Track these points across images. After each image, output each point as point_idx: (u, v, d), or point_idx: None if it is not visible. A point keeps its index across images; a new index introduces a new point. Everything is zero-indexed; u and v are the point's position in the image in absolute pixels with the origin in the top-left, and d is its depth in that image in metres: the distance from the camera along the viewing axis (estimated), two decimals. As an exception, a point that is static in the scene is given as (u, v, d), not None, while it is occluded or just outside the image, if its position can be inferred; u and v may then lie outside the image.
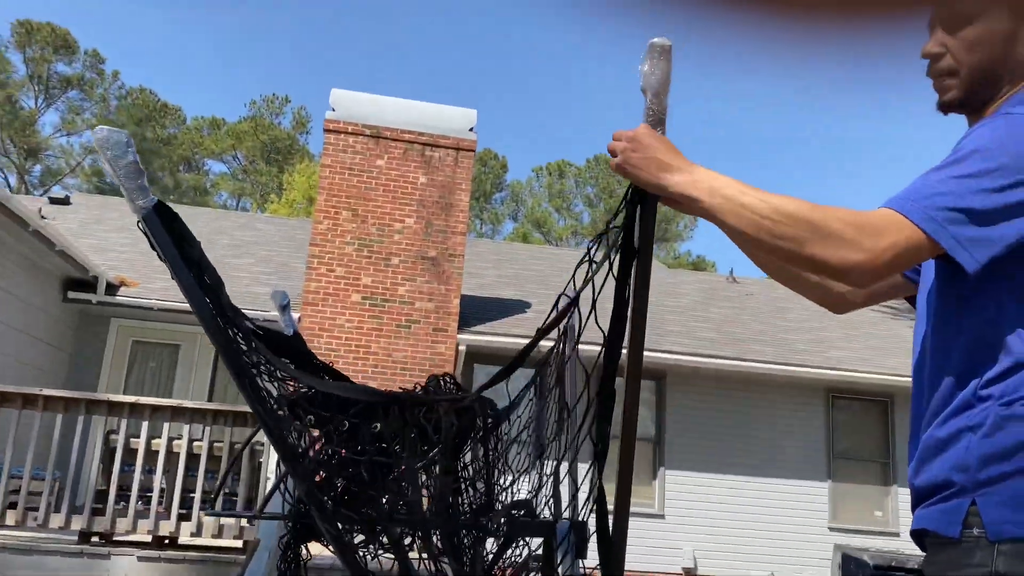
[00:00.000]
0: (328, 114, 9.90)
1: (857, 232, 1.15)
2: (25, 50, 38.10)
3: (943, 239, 1.14)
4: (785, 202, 1.20)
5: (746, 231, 1.23)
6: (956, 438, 1.17)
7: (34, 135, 38.60)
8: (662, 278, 15.26)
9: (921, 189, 1.18)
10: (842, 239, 1.15)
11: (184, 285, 1.63)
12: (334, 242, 9.51)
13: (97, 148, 1.62)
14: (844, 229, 1.15)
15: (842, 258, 1.15)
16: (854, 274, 1.17)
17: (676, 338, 11.13)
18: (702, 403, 10.90)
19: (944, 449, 1.19)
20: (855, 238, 1.15)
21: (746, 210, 1.22)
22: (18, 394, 5.68)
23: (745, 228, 1.23)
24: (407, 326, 9.39)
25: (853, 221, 1.16)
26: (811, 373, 10.60)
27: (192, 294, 1.63)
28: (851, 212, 1.18)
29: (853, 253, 1.15)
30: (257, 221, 16.08)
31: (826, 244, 1.16)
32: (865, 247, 1.15)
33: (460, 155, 9.82)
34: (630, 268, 1.53)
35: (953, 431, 1.18)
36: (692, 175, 1.30)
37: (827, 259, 1.16)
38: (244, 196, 42.76)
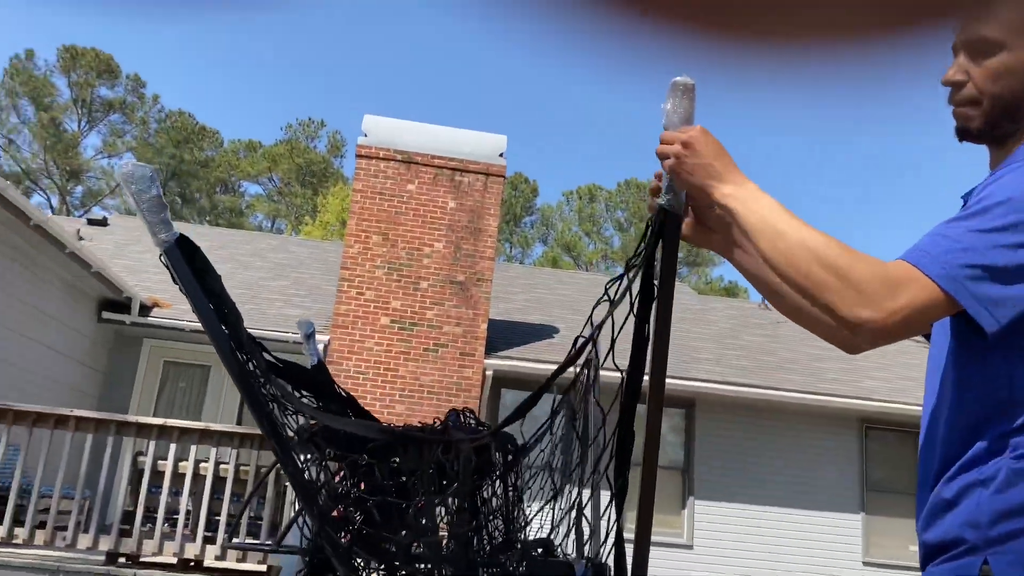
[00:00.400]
0: (360, 139, 10.00)
1: (878, 285, 1.10)
2: (70, 74, 39.09)
3: (963, 298, 1.09)
4: (816, 238, 1.16)
5: (772, 258, 1.20)
6: (967, 492, 1.12)
7: (76, 157, 39.48)
8: (692, 304, 15.14)
9: (941, 242, 1.12)
10: (860, 291, 1.10)
11: (203, 317, 1.64)
12: (364, 266, 9.56)
13: (121, 182, 1.64)
14: (865, 280, 1.11)
15: (855, 314, 1.11)
16: (863, 332, 1.12)
17: (706, 366, 11.02)
18: (732, 432, 10.75)
19: (955, 504, 1.14)
20: (873, 292, 1.10)
21: (779, 238, 1.19)
22: (51, 414, 5.75)
23: (771, 255, 1.20)
24: (435, 350, 9.40)
25: (876, 273, 1.11)
26: (844, 403, 10.42)
27: (211, 326, 1.64)
28: (875, 263, 1.13)
29: (866, 310, 1.10)
30: (290, 243, 16.25)
31: (843, 294, 1.11)
32: (880, 305, 1.10)
33: (490, 180, 9.86)
34: (650, 309, 1.51)
35: (964, 485, 1.13)
36: (741, 188, 1.27)
37: (840, 311, 1.12)
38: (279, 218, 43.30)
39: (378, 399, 9.17)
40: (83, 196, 40.56)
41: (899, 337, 1.13)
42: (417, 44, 60.90)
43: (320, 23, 59.29)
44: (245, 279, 12.28)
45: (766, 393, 10.34)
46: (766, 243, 1.21)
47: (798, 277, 1.16)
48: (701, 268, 41.37)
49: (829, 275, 1.13)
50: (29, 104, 38.17)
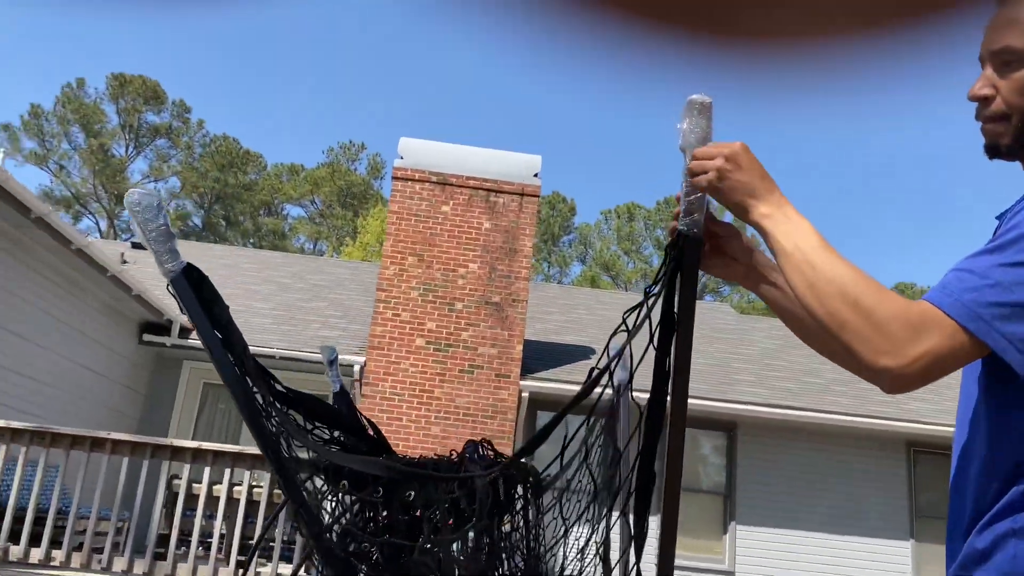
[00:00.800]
0: (396, 162, 10.04)
1: (900, 329, 1.02)
2: (118, 101, 40.13)
3: (991, 339, 1.00)
4: (846, 273, 1.09)
5: (799, 288, 1.12)
6: (1002, 544, 1.03)
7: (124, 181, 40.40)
8: (733, 325, 14.91)
9: (966, 279, 1.03)
10: (882, 335, 1.02)
11: (210, 347, 1.59)
12: (400, 287, 9.57)
13: (128, 211, 1.61)
14: (887, 323, 1.02)
15: (875, 361, 1.02)
16: (882, 380, 1.04)
17: (748, 387, 10.80)
18: (775, 455, 10.51)
19: (989, 556, 1.04)
20: (895, 337, 1.01)
21: (810, 268, 1.12)
22: (87, 437, 5.81)
23: (799, 284, 1.12)
24: (470, 371, 9.35)
25: (899, 315, 1.03)
26: (890, 426, 10.13)
27: (218, 357, 1.59)
28: (901, 304, 1.05)
29: (886, 357, 1.02)
30: (329, 265, 16.37)
31: (864, 336, 1.03)
32: (901, 351, 1.01)
33: (524, 200, 9.82)
34: (670, 340, 1.43)
35: (998, 535, 1.04)
36: (779, 209, 1.21)
37: (861, 355, 1.04)
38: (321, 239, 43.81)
39: (413, 421, 9.14)
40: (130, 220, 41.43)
41: (920, 384, 1.04)
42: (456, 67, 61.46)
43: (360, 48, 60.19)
44: (284, 300, 12.38)
45: (809, 415, 10.10)
46: (796, 271, 1.14)
47: (821, 312, 1.09)
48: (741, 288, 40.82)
49: (852, 314, 1.05)
50: (79, 131, 39.23)
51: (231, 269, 13.98)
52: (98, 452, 5.82)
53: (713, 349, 12.69)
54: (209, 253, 15.58)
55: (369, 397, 9.22)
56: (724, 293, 41.12)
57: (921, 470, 10.59)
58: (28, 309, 7.80)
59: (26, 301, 7.76)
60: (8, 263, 7.44)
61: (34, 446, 5.79)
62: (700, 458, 10.97)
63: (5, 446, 5.74)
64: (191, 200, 42.68)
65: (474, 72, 61.64)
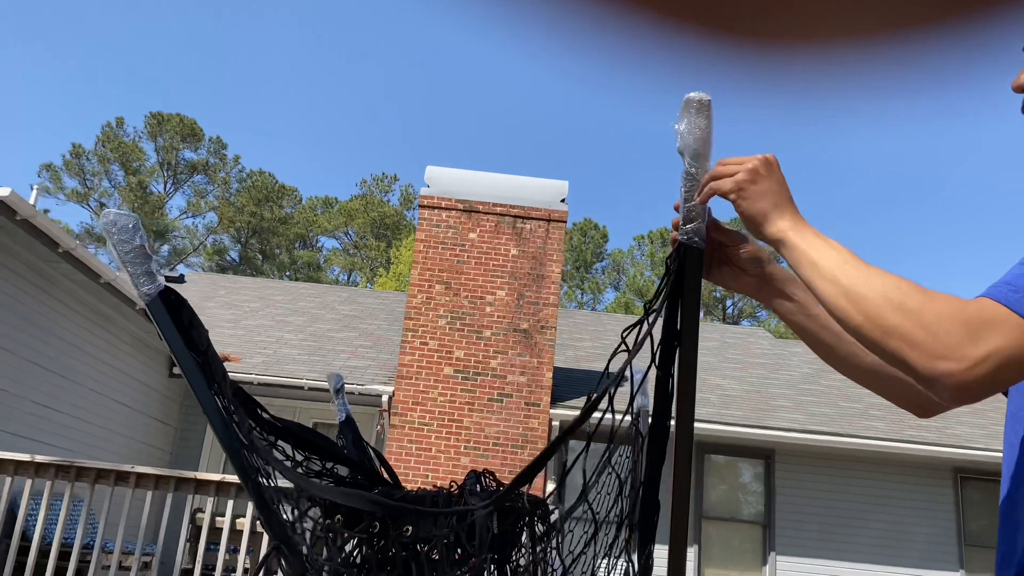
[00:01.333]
0: (423, 190, 10.03)
1: (956, 329, 0.90)
2: (157, 139, 40.99)
3: None
4: (883, 277, 0.98)
5: (831, 299, 1.02)
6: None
7: (162, 218, 41.16)
8: (769, 349, 14.63)
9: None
10: (935, 337, 0.90)
11: (187, 373, 1.51)
12: (427, 315, 9.51)
13: (103, 231, 1.55)
14: (940, 323, 0.91)
15: (931, 366, 0.90)
16: (942, 389, 0.91)
17: (785, 413, 10.54)
18: (815, 483, 10.21)
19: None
20: (951, 338, 0.89)
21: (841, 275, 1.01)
22: (112, 471, 5.77)
23: (830, 294, 1.02)
24: (499, 400, 9.22)
25: (954, 314, 0.91)
26: (934, 451, 9.79)
27: (195, 384, 1.51)
28: (952, 302, 0.93)
29: (944, 361, 0.89)
30: (359, 295, 16.40)
31: (914, 340, 0.91)
32: (960, 353, 0.89)
33: (551, 226, 9.74)
34: (673, 359, 1.31)
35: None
36: (797, 223, 1.11)
37: (912, 362, 0.92)
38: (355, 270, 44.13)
39: (442, 451, 9.02)
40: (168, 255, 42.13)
41: (986, 392, 0.91)
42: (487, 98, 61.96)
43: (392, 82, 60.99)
44: (314, 331, 12.39)
45: (849, 441, 9.80)
46: (826, 280, 1.03)
47: (860, 320, 0.97)
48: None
49: (898, 317, 0.93)
50: (119, 168, 40.10)
51: (263, 301, 14.05)
52: (123, 486, 5.78)
53: (749, 375, 12.43)
54: (239, 285, 15.70)
55: (398, 427, 9.13)
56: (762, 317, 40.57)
57: (969, 496, 10.20)
58: (57, 343, 7.86)
59: (55, 335, 7.82)
60: (38, 297, 7.51)
61: (59, 480, 5.76)
62: (739, 486, 10.70)
63: (30, 480, 5.73)
64: (228, 235, 43.30)
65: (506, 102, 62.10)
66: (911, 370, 0.93)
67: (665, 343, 1.32)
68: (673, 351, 1.32)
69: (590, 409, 1.35)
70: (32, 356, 7.51)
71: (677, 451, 1.32)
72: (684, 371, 1.30)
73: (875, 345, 0.97)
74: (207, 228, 42.90)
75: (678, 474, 1.32)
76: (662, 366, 1.33)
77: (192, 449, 10.40)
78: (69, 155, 39.39)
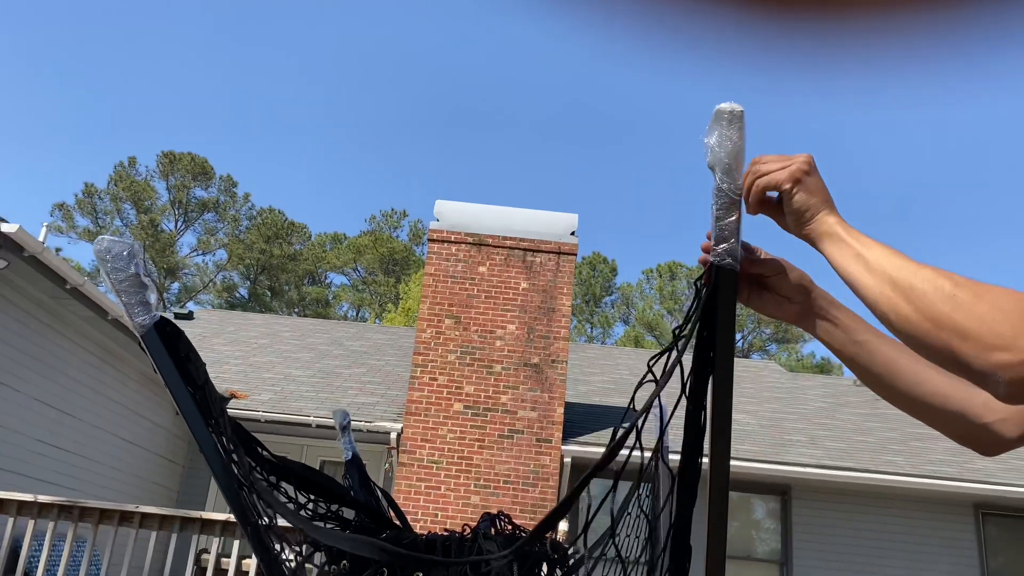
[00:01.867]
0: (432, 224, 9.98)
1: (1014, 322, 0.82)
2: (168, 178, 41.32)
3: None
4: (933, 271, 0.91)
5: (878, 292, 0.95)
6: None
7: (173, 255, 41.32)
8: (783, 383, 14.44)
9: None
10: (991, 329, 0.83)
11: (183, 410, 1.42)
12: (437, 350, 9.40)
13: (96, 259, 1.47)
14: (997, 315, 0.83)
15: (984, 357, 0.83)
16: (997, 382, 0.83)
17: (800, 448, 10.34)
18: (832, 519, 9.98)
19: None
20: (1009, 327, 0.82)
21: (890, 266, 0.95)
22: (116, 511, 5.66)
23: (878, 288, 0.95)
24: (510, 436, 9.07)
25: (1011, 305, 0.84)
26: (954, 486, 9.56)
27: (192, 421, 1.42)
28: (1011, 294, 0.85)
29: (998, 352, 0.82)
30: (368, 331, 16.32)
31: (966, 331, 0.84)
32: (1017, 343, 0.81)
33: (561, 259, 9.66)
34: (705, 391, 1.21)
35: None
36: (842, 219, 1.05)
37: (965, 355, 0.84)
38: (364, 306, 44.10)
39: (452, 490, 8.86)
40: (179, 292, 42.23)
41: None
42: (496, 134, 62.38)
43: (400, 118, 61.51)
44: (322, 367, 12.29)
45: (866, 477, 9.59)
46: (871, 275, 0.96)
47: (910, 312, 0.90)
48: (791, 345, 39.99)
49: (948, 307, 0.86)
50: (131, 207, 40.37)
51: (271, 337, 13.98)
52: (127, 526, 5.66)
53: (763, 409, 12.24)
54: (248, 321, 15.65)
55: (407, 465, 8.97)
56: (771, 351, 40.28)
57: (992, 533, 9.95)
58: (64, 380, 7.78)
59: (62, 372, 7.74)
60: (45, 334, 7.45)
61: (63, 520, 5.65)
62: (753, 523, 10.47)
63: (33, 520, 5.62)
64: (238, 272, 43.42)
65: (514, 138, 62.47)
66: (963, 364, 0.85)
67: (697, 373, 1.22)
68: (705, 382, 1.22)
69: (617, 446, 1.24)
70: (38, 393, 7.43)
71: (712, 493, 1.21)
72: (718, 404, 1.20)
73: (924, 339, 0.89)
74: (217, 265, 43.04)
75: (713, 517, 1.21)
76: (693, 398, 1.23)
77: (199, 488, 10.26)
78: (82, 194, 39.71)
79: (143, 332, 1.42)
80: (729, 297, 1.19)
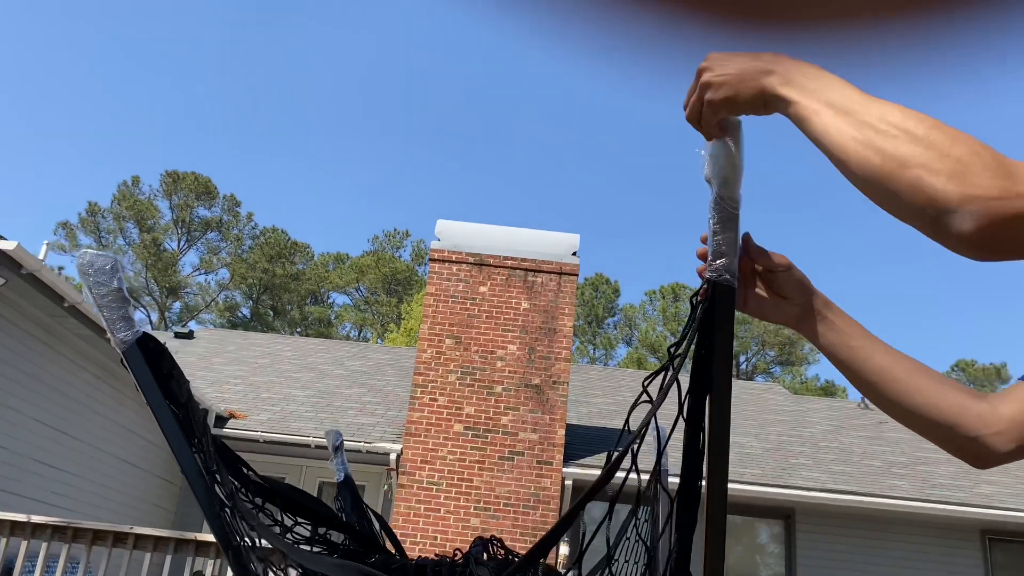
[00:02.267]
0: (433, 243, 9.96)
1: (992, 163, 0.77)
2: (171, 197, 41.44)
3: None
4: (897, 108, 0.84)
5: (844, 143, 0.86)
6: None
7: (175, 274, 41.34)
8: (786, 406, 14.34)
9: None
10: (967, 165, 0.77)
11: (164, 429, 1.38)
12: (437, 371, 9.34)
13: (79, 273, 1.43)
14: (975, 154, 0.77)
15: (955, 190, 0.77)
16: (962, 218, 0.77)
17: (805, 472, 10.24)
18: (837, 544, 9.86)
19: None
20: (985, 168, 0.76)
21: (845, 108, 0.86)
22: (109, 532, 5.59)
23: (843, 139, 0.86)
24: (510, 458, 8.99)
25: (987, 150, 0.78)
26: (960, 511, 9.45)
27: (174, 439, 1.37)
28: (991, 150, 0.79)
29: (970, 187, 0.76)
30: (369, 351, 16.26)
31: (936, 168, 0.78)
32: (993, 183, 0.76)
33: (563, 279, 9.62)
34: (703, 412, 1.17)
35: None
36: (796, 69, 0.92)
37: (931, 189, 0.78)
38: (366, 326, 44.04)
39: (452, 512, 8.76)
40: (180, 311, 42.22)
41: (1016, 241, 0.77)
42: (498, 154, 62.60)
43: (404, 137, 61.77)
44: (323, 387, 12.22)
45: (871, 501, 9.48)
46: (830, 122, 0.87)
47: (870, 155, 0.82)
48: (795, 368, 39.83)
49: (919, 147, 0.79)
50: (134, 226, 40.45)
51: (272, 357, 13.93)
52: (120, 547, 5.59)
53: (767, 432, 12.14)
54: (249, 341, 15.60)
55: (406, 486, 8.89)
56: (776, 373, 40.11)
57: (999, 559, 9.82)
58: (61, 399, 7.73)
59: (59, 391, 7.69)
60: (42, 352, 7.41)
61: (56, 541, 5.59)
62: (757, 548, 10.35)
63: (26, 541, 5.55)
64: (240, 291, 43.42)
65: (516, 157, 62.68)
66: (930, 199, 0.78)
67: (694, 393, 1.18)
68: (703, 402, 1.18)
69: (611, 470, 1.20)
70: (35, 413, 7.37)
71: (709, 517, 1.17)
72: (717, 425, 1.15)
73: (889, 182, 0.81)
74: (219, 285, 43.06)
75: (711, 542, 1.16)
76: (691, 420, 1.18)
77: (196, 508, 10.15)
78: (85, 213, 39.82)
79: (125, 348, 1.38)
80: (727, 315, 1.14)
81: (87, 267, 1.40)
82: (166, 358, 1.43)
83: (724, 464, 1.17)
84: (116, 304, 1.40)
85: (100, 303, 1.40)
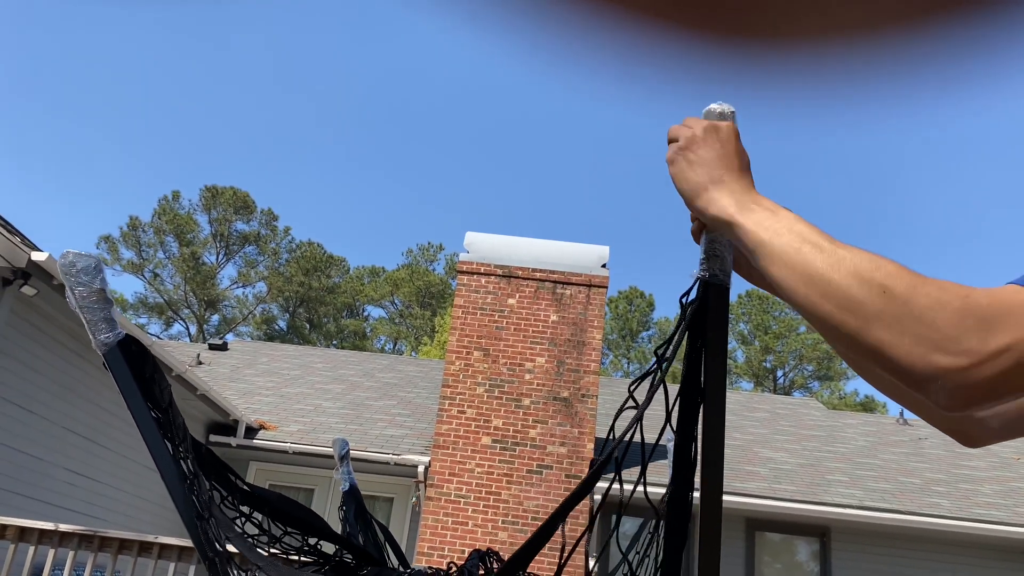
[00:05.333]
0: (462, 256, 9.94)
1: (958, 319, 0.70)
2: (210, 211, 42.07)
3: None
4: (861, 255, 0.77)
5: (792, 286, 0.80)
6: None
7: (214, 287, 41.91)
8: (822, 421, 14.06)
9: None
10: (931, 326, 0.70)
11: (144, 433, 1.34)
12: (466, 383, 9.30)
13: (61, 273, 1.41)
14: (937, 311, 0.70)
15: (923, 358, 0.70)
16: (938, 387, 0.70)
17: (841, 488, 10.00)
18: (874, 563, 9.60)
19: None
20: (950, 327, 0.69)
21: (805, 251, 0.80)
22: (135, 541, 5.61)
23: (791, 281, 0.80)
24: (539, 471, 8.89)
25: (956, 303, 0.71)
26: (1002, 531, 9.15)
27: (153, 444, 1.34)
28: (958, 288, 0.72)
29: (941, 355, 0.69)
30: (400, 363, 16.28)
31: (902, 330, 0.71)
32: (963, 346, 0.69)
33: (592, 292, 9.53)
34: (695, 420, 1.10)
35: None
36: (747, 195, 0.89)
37: (898, 355, 0.71)
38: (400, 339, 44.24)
39: (479, 525, 8.69)
40: (219, 324, 42.76)
41: (994, 397, 0.70)
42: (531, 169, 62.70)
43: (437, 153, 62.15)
44: (353, 399, 12.24)
45: (910, 519, 9.22)
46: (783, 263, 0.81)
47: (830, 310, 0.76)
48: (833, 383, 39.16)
49: (880, 302, 0.72)
50: (174, 240, 41.12)
51: (303, 368, 14.00)
52: (145, 556, 5.61)
53: (802, 447, 11.90)
54: (281, 352, 15.70)
55: (434, 499, 8.84)
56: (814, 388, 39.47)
57: (1044, 582, 9.49)
58: (93, 409, 7.82)
59: (91, 401, 7.78)
60: (74, 363, 7.50)
61: (82, 550, 5.62)
62: (793, 565, 10.13)
63: (53, 549, 5.59)
64: (277, 304, 43.88)
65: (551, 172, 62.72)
66: (899, 368, 0.72)
67: (685, 400, 1.11)
68: (696, 410, 1.11)
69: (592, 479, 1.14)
70: (67, 423, 7.46)
71: (703, 533, 1.10)
72: (709, 434, 1.09)
73: (851, 340, 0.75)
74: (257, 298, 43.55)
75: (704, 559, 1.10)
76: (681, 428, 1.12)
77: (226, 519, 10.23)
78: (127, 227, 40.57)
79: (106, 350, 1.36)
80: (720, 317, 1.08)
81: (69, 267, 1.38)
82: (149, 361, 1.40)
83: (718, 475, 1.11)
84: (98, 305, 1.37)
85: (82, 304, 1.37)
